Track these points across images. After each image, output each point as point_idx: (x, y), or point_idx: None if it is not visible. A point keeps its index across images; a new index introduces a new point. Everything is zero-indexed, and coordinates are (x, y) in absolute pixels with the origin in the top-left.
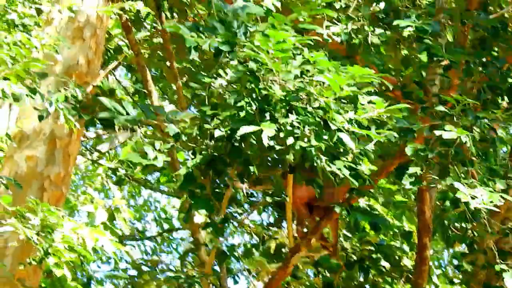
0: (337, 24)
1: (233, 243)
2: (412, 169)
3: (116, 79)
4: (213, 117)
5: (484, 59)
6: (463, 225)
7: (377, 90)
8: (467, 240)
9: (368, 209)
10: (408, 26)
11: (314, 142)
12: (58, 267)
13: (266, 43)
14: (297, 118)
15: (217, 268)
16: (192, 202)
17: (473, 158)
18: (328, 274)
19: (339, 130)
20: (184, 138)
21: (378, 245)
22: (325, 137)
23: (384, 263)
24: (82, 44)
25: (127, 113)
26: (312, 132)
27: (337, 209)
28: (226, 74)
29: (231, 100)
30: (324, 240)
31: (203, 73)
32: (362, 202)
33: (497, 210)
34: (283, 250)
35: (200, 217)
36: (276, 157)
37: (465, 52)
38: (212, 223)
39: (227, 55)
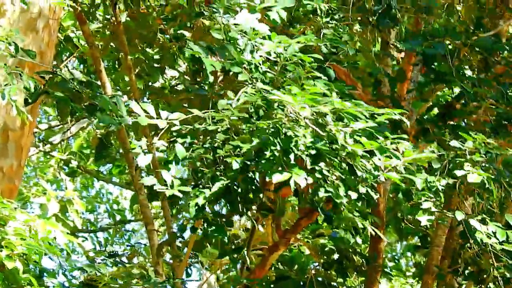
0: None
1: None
2: (426, 204)
3: (69, 70)
4: (224, 142)
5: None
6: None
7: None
8: (420, 233)
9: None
10: (413, 48)
11: (342, 192)
12: (10, 259)
13: (302, 93)
14: (325, 166)
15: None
16: (209, 230)
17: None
18: (281, 267)
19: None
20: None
21: (331, 237)
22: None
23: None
24: (35, 36)
25: (121, 116)
26: (339, 179)
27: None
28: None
29: (255, 137)
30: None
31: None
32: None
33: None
34: (235, 242)
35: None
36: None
37: (474, 78)
38: (228, 251)
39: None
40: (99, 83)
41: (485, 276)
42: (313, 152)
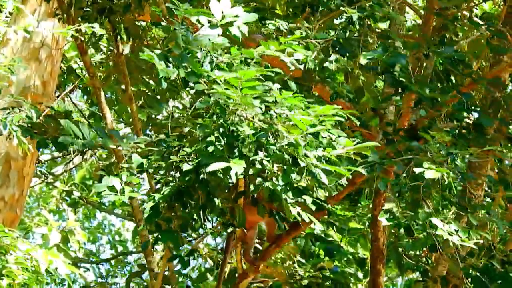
0: (297, 51)
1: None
2: (387, 205)
3: (72, 101)
4: (179, 149)
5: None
6: (417, 252)
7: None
8: (421, 268)
9: (323, 235)
10: (373, 58)
11: (282, 182)
12: None
13: (236, 80)
14: (266, 156)
15: None
16: (159, 235)
17: (444, 193)
18: None
19: (307, 167)
20: (150, 169)
21: (332, 271)
22: (293, 175)
23: None
24: (38, 66)
25: (84, 137)
26: (281, 170)
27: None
28: (190, 104)
29: (200, 134)
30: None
31: (162, 103)
32: (318, 228)
33: (474, 247)
34: (237, 274)
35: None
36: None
37: (434, 87)
38: (178, 255)
39: (193, 85)
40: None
41: None
42: (255, 144)
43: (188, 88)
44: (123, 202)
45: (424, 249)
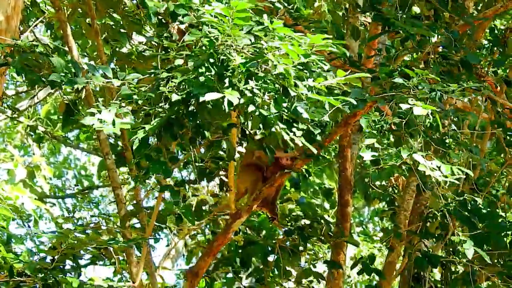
0: None
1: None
2: (368, 141)
3: (35, 36)
4: (167, 80)
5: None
6: (383, 183)
7: (328, 59)
8: (388, 197)
9: None
10: None
11: (273, 110)
12: None
13: (228, 10)
14: (256, 85)
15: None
16: (150, 166)
17: (424, 130)
18: (249, 232)
19: (298, 97)
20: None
21: (298, 203)
22: (284, 104)
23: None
24: (1, 1)
25: (75, 74)
26: (272, 99)
27: (294, 174)
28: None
29: (191, 64)
30: (267, 206)
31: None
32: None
33: (457, 182)
34: (204, 207)
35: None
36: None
37: (421, 24)
38: (169, 186)
39: (182, 18)
40: (66, 48)
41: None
42: (245, 74)
43: (153, 22)
44: (88, 136)
45: (391, 178)
